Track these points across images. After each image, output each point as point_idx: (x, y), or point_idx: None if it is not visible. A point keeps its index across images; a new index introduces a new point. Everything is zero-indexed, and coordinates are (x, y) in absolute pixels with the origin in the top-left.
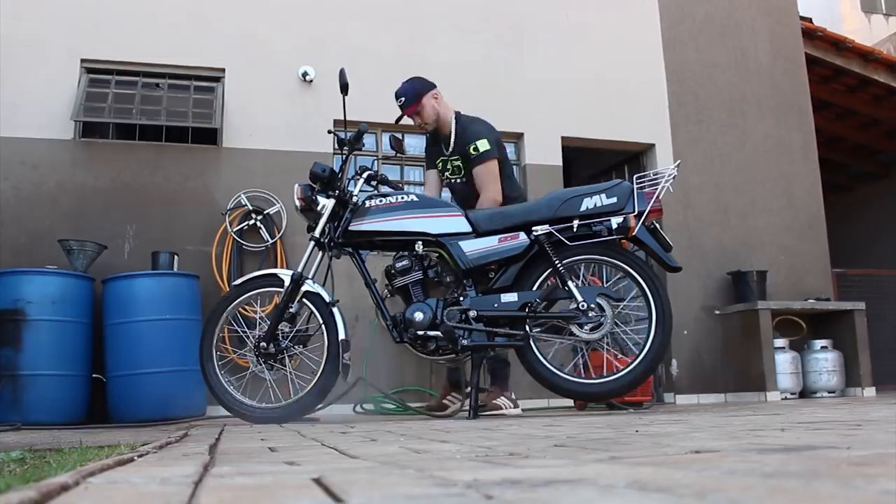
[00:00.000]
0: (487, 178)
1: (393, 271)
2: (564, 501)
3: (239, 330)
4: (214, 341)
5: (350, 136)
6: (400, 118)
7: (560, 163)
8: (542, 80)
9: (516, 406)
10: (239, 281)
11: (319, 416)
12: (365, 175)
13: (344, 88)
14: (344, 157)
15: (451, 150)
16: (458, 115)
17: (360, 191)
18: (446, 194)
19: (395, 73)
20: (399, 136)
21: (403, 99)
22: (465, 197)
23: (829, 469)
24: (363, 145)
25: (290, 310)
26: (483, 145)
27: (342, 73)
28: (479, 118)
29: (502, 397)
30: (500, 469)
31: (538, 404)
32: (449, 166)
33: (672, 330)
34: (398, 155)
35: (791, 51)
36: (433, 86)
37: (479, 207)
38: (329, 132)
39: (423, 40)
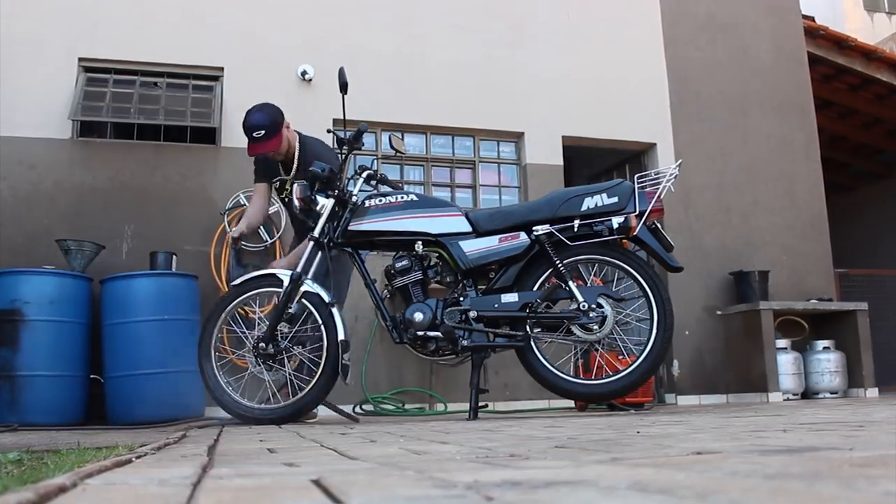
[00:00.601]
0: None
1: (393, 271)
2: (565, 503)
3: (238, 330)
4: (213, 342)
5: (349, 136)
6: (254, 153)
7: (561, 162)
8: (542, 79)
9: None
10: (238, 281)
11: (319, 418)
12: (364, 174)
13: (343, 87)
14: (343, 156)
15: (293, 173)
16: (300, 136)
17: (360, 190)
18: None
19: (395, 72)
20: (399, 134)
21: (263, 132)
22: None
23: (831, 470)
24: (363, 145)
25: (290, 310)
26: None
27: (342, 72)
28: (318, 139)
29: None
30: (500, 470)
31: (538, 405)
32: (288, 187)
33: (673, 330)
34: (398, 154)
35: (793, 49)
36: (282, 113)
37: None
38: (328, 131)
39: (423, 39)
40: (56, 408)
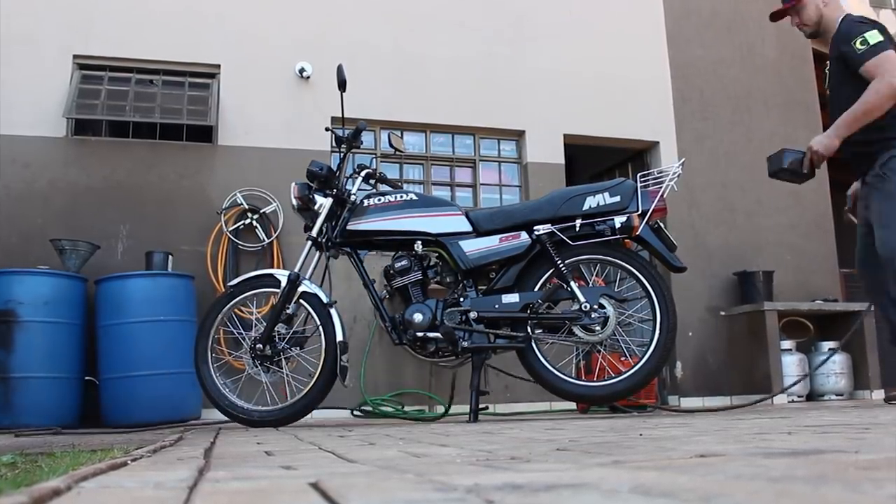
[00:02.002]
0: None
1: (392, 271)
2: None
3: (235, 331)
4: (210, 343)
5: (348, 134)
6: (778, 13)
7: (562, 161)
8: (543, 76)
9: None
10: (235, 281)
11: (316, 420)
12: (363, 173)
13: (342, 85)
14: (342, 154)
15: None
16: (847, 16)
17: (359, 189)
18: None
19: (395, 69)
20: (398, 133)
21: None
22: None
23: (836, 473)
24: (361, 143)
25: (287, 311)
26: (873, 37)
27: (340, 70)
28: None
29: None
30: (501, 473)
31: (540, 407)
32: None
33: (676, 331)
34: (397, 153)
35: (798, 46)
36: None
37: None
38: (327, 129)
39: (423, 36)
40: (50, 410)
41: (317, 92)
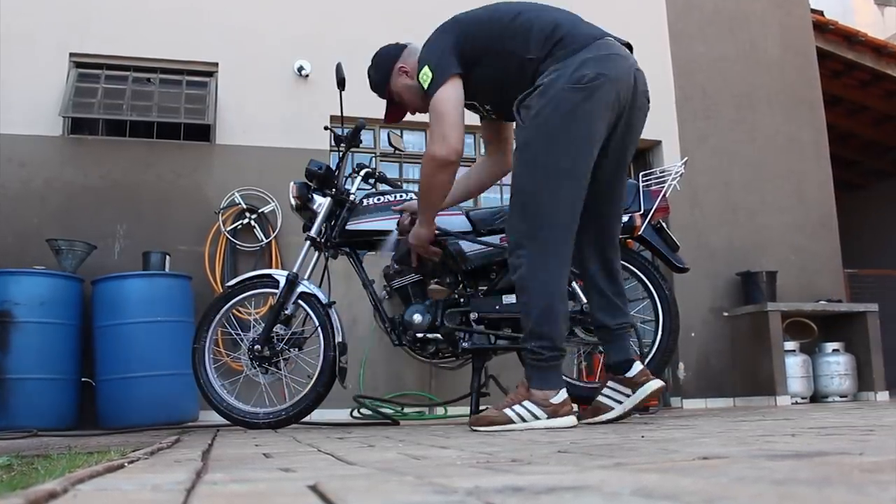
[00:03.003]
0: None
1: (391, 272)
2: None
3: (233, 333)
4: (208, 344)
5: (347, 133)
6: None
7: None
8: None
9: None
10: (233, 282)
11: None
12: (363, 173)
13: (340, 83)
14: (341, 153)
15: None
16: None
17: (358, 189)
18: None
19: None
20: (398, 132)
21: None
22: None
23: (840, 476)
24: (361, 142)
25: (286, 312)
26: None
27: (338, 68)
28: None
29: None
30: (501, 476)
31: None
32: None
33: (679, 332)
34: (397, 152)
35: (802, 44)
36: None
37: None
38: (326, 128)
39: (423, 34)
40: (46, 412)
41: (316, 90)
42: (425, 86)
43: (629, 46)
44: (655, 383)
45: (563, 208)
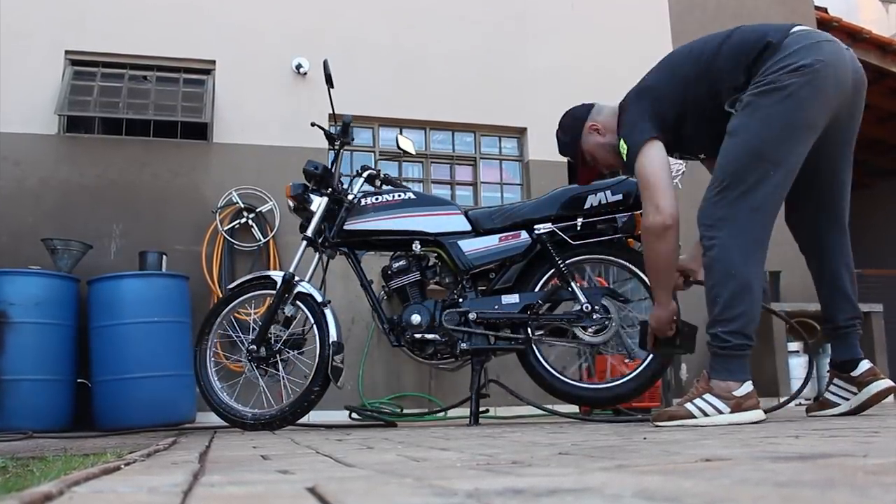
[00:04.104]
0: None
1: (390, 272)
2: None
3: (233, 335)
4: (209, 347)
5: (337, 130)
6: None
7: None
8: (545, 72)
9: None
10: (234, 284)
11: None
12: (365, 174)
13: (328, 80)
14: (335, 151)
15: None
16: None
17: (360, 191)
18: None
19: (393, 65)
20: (410, 140)
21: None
22: None
23: (844, 478)
24: (352, 139)
25: (284, 312)
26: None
27: (326, 65)
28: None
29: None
30: (502, 478)
31: (541, 411)
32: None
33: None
34: (405, 155)
35: None
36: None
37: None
38: (313, 125)
39: (422, 30)
40: (42, 413)
41: (314, 88)
42: (624, 157)
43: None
44: (882, 383)
45: (769, 195)
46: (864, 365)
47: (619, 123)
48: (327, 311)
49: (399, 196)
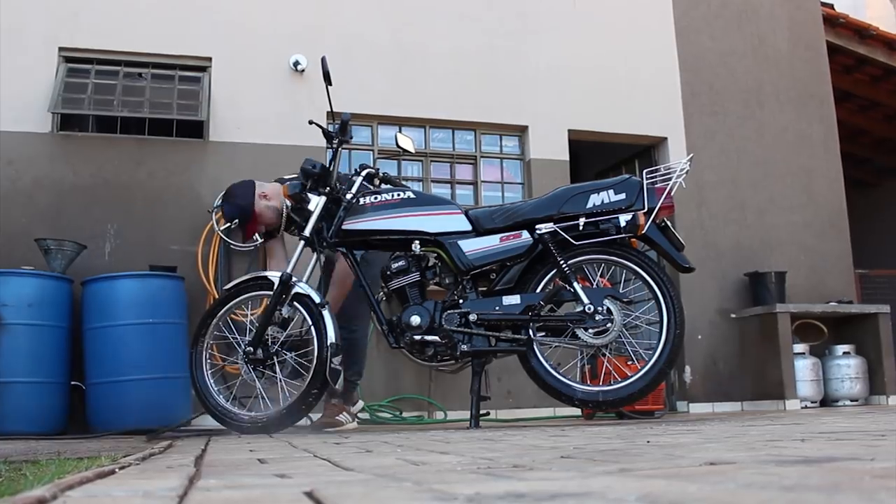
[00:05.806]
0: None
1: (389, 272)
2: None
3: (230, 336)
4: (205, 348)
5: (335, 128)
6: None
7: (567, 157)
8: (547, 70)
9: (352, 420)
10: (230, 284)
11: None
12: (364, 173)
13: (326, 77)
14: (333, 150)
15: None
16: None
17: (357, 189)
18: None
19: (393, 62)
20: (410, 137)
21: (237, 222)
22: None
23: (851, 482)
24: (351, 137)
25: (281, 313)
26: None
27: (324, 61)
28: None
29: (344, 413)
30: (503, 482)
31: (543, 413)
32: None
33: (685, 334)
34: (405, 154)
35: (812, 38)
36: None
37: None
38: (310, 123)
39: (422, 28)
40: (35, 416)
41: (312, 86)
42: None
43: None
44: None
45: None
46: None
47: None
48: (325, 312)
49: (398, 195)
